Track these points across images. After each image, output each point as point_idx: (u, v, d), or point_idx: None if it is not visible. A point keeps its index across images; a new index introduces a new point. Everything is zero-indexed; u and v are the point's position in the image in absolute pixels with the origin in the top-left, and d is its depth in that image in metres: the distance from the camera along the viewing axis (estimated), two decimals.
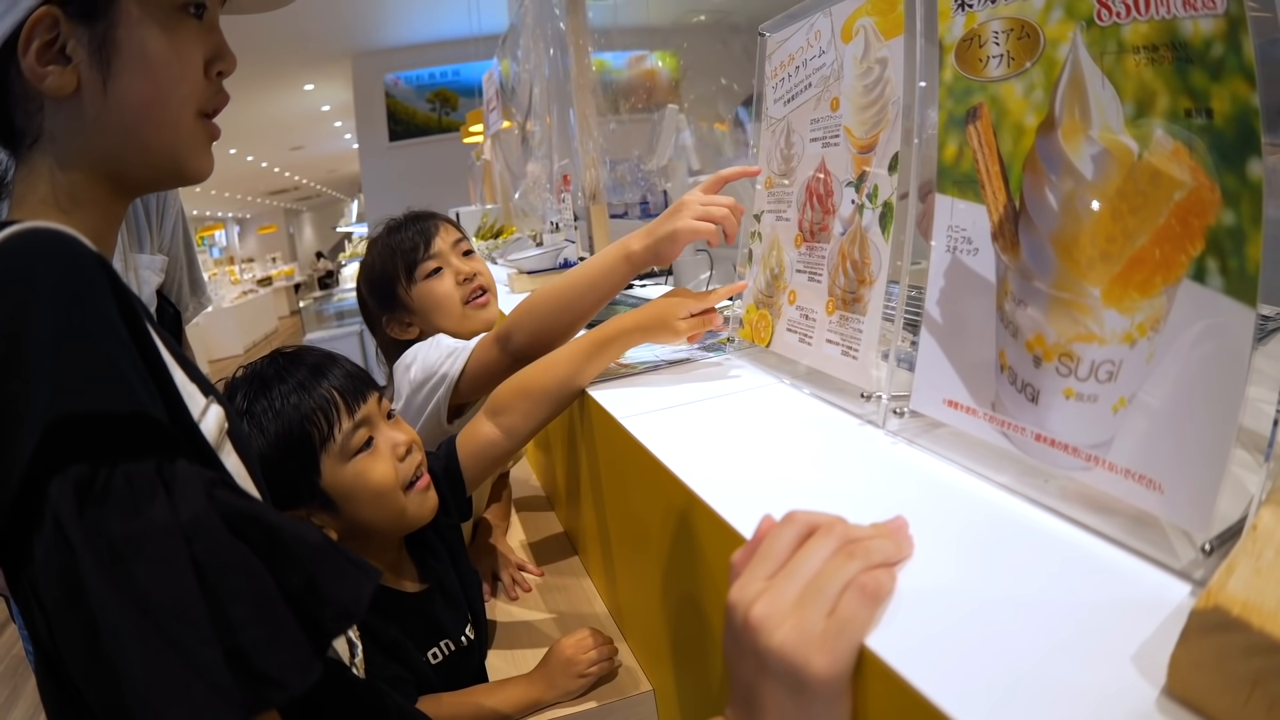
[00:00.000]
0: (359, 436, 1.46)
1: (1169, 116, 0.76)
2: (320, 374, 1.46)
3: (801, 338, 1.42)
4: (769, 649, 0.70)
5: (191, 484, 0.75)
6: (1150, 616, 0.68)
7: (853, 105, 1.30)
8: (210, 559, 0.73)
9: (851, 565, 0.73)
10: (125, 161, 0.92)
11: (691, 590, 1.20)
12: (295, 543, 0.81)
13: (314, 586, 0.80)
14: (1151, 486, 0.78)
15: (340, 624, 0.84)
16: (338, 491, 1.45)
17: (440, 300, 2.14)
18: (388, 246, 2.20)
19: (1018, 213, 0.93)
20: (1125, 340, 0.81)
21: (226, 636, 0.71)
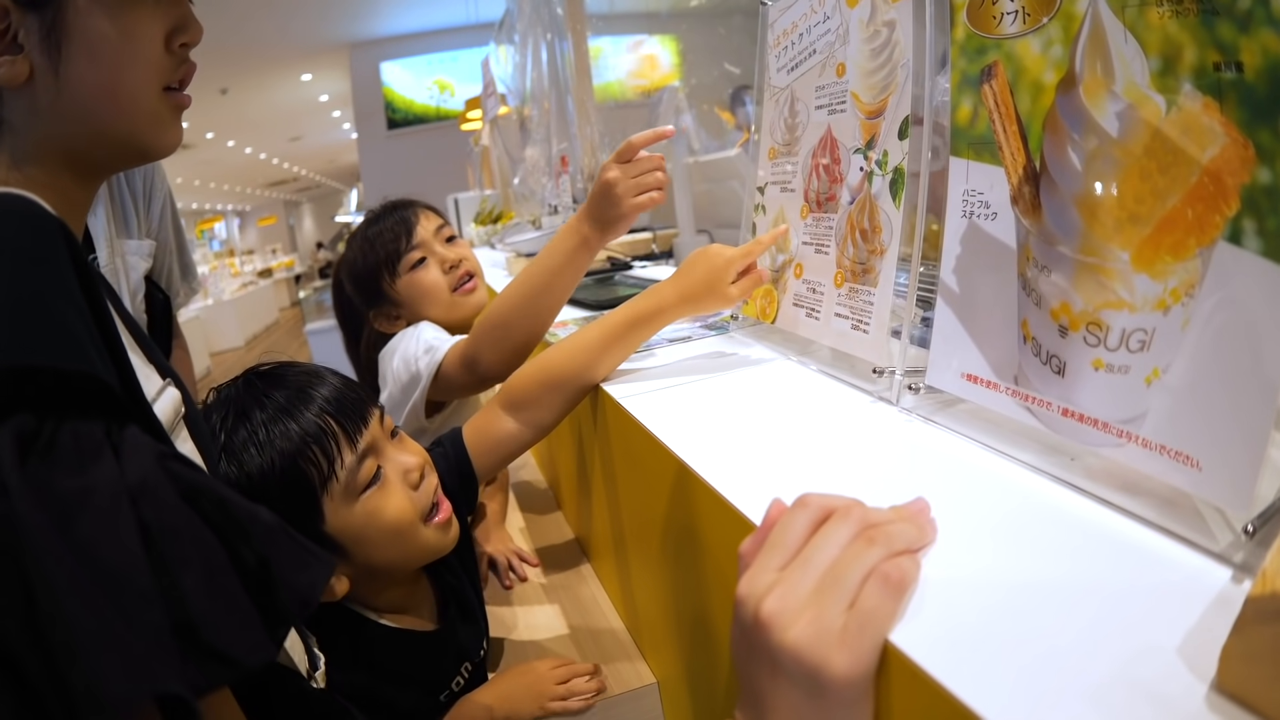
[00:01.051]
0: (366, 470, 1.26)
1: (1196, 71, 0.71)
2: (308, 397, 1.26)
3: (809, 312, 1.37)
4: (783, 647, 0.64)
5: (141, 449, 0.73)
6: (1192, 604, 0.63)
7: (859, 70, 1.25)
8: (158, 522, 0.70)
9: (872, 552, 0.67)
10: (84, 146, 0.90)
11: (696, 578, 1.15)
12: (249, 520, 0.78)
13: (268, 568, 0.77)
14: (1188, 463, 0.72)
15: (295, 611, 0.80)
16: (347, 535, 1.25)
17: (427, 290, 2.13)
18: (368, 240, 2.17)
19: (1038, 174, 0.88)
20: (1158, 307, 0.76)
21: (174, 605, 0.68)
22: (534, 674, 1.51)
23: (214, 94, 13.23)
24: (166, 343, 2.50)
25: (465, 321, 2.15)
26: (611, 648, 1.64)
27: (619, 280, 2.55)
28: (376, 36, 12.59)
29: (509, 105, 5.44)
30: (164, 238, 2.42)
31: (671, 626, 1.35)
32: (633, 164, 1.58)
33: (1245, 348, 0.68)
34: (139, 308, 2.34)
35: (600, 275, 2.73)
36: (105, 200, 2.23)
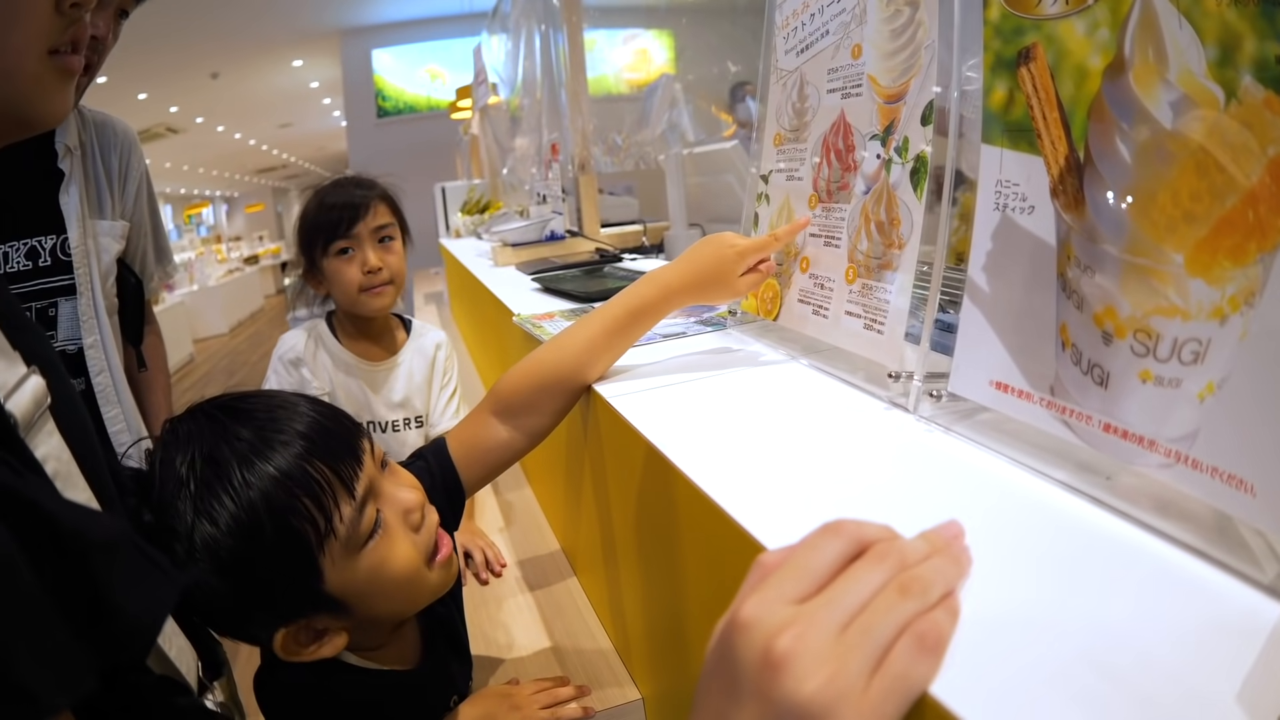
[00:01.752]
0: (367, 520, 1.10)
1: (1258, 63, 0.65)
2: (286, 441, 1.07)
3: (816, 309, 1.30)
4: (795, 700, 0.55)
5: None
6: (1245, 643, 0.57)
7: (878, 51, 1.18)
8: None
9: (907, 605, 0.59)
10: None
11: (688, 593, 1.09)
12: (75, 535, 0.69)
13: (96, 590, 0.70)
14: (1241, 488, 0.66)
15: (130, 639, 0.74)
16: (350, 592, 1.10)
17: (341, 280, 2.27)
18: (321, 207, 2.29)
19: (1081, 165, 0.81)
20: (1214, 315, 0.69)
21: None
22: (518, 695, 1.45)
23: (204, 78, 13.23)
24: (139, 328, 2.45)
25: (362, 321, 2.37)
26: (597, 664, 1.58)
27: (608, 272, 2.50)
28: (368, 23, 12.60)
29: (500, 95, 5.41)
30: (139, 219, 2.41)
31: (660, 643, 1.28)
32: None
33: None
34: (110, 291, 2.30)
35: (589, 266, 2.67)
36: (79, 179, 2.19)
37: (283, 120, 19.00)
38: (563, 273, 2.59)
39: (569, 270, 2.62)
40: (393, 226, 2.33)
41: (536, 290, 2.46)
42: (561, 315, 1.95)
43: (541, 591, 1.89)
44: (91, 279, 2.19)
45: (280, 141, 22.07)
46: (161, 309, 13.03)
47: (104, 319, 2.21)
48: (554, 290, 2.35)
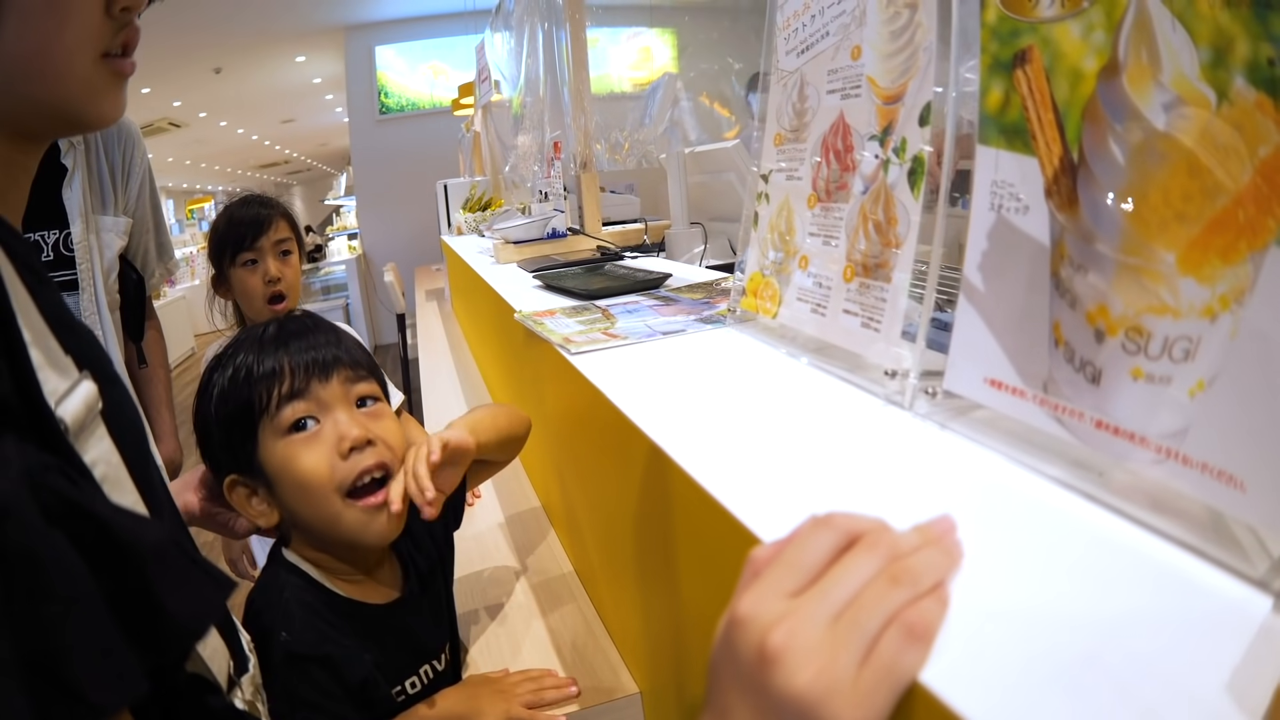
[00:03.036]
0: (290, 412, 1.33)
1: (1250, 65, 0.65)
2: (286, 342, 1.37)
3: (814, 308, 1.30)
4: (787, 693, 0.57)
5: (9, 463, 0.65)
6: (1234, 637, 0.57)
7: (877, 53, 1.18)
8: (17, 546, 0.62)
9: (896, 594, 0.61)
10: (17, 114, 0.85)
11: (685, 587, 1.09)
12: (130, 541, 0.71)
13: (148, 594, 0.70)
14: (1231, 484, 0.66)
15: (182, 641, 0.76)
16: (270, 469, 1.33)
17: (246, 290, 2.50)
18: (230, 219, 2.51)
19: (1076, 166, 0.82)
20: (1205, 314, 0.70)
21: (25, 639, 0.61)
22: (503, 683, 1.49)
23: (208, 73, 13.19)
24: (140, 323, 2.47)
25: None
26: (594, 658, 1.59)
27: (609, 270, 2.50)
28: (372, 20, 12.56)
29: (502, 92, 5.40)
30: (141, 215, 2.44)
31: (658, 638, 1.29)
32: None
33: None
34: (112, 287, 2.31)
35: (590, 264, 2.68)
36: (83, 175, 2.21)
37: (285, 116, 18.93)
38: (564, 270, 2.60)
39: (570, 268, 2.62)
40: (291, 241, 2.57)
41: (538, 287, 2.46)
42: (562, 312, 1.94)
43: (540, 585, 1.90)
44: (94, 274, 2.21)
45: (283, 137, 21.97)
46: (164, 303, 13.03)
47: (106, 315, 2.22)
48: (555, 287, 2.35)
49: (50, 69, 0.84)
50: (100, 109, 0.89)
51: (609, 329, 1.67)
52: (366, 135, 12.76)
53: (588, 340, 1.61)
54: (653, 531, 1.19)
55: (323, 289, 12.84)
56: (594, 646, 1.62)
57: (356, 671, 1.33)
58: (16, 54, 0.81)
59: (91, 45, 0.86)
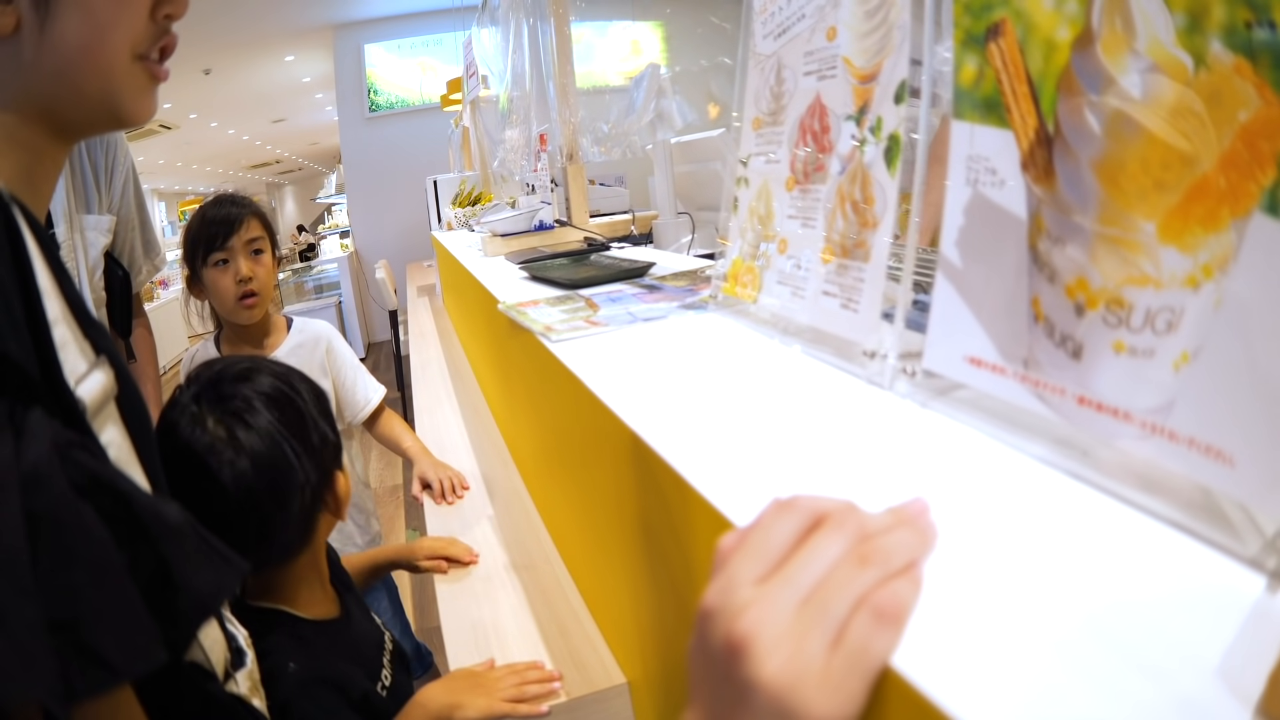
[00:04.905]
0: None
1: (1226, 29, 0.64)
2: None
3: (794, 291, 1.29)
4: (755, 682, 0.55)
5: (41, 434, 0.69)
6: (1225, 616, 0.55)
7: (852, 33, 1.17)
8: (47, 513, 0.66)
9: (865, 575, 0.59)
10: (60, 104, 0.89)
11: (671, 576, 1.08)
12: (150, 519, 0.75)
13: (167, 568, 0.74)
14: (1220, 459, 0.64)
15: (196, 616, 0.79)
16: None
17: (218, 290, 2.54)
18: (204, 219, 2.56)
19: (1051, 138, 0.81)
20: (1187, 283, 0.68)
21: (53, 603, 0.64)
22: (486, 677, 1.50)
23: (197, 74, 13.18)
24: (127, 320, 2.47)
25: (240, 327, 2.63)
26: (582, 648, 1.58)
27: (595, 260, 2.49)
28: (360, 18, 12.55)
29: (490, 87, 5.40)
30: (126, 213, 2.44)
31: (645, 626, 1.28)
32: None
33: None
34: (97, 284, 2.31)
35: (576, 255, 2.67)
36: (65, 175, 2.20)
37: (276, 115, 18.93)
38: (550, 261, 2.59)
39: (556, 259, 2.62)
40: (263, 240, 2.62)
41: (525, 279, 2.46)
42: (546, 302, 1.94)
43: (529, 577, 1.89)
44: (79, 273, 2.21)
45: (273, 137, 21.98)
46: (156, 305, 13.05)
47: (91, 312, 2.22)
48: (541, 278, 2.35)
49: (101, 62, 0.89)
50: (138, 106, 0.94)
51: (591, 317, 1.66)
52: (356, 133, 12.75)
53: (569, 328, 1.60)
54: (637, 520, 1.18)
55: (315, 287, 12.84)
56: (582, 637, 1.61)
57: (356, 686, 1.43)
58: (73, 44, 0.86)
59: (132, 45, 0.91)
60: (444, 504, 2.39)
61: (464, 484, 2.47)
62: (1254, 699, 0.47)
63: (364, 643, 1.61)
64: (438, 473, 2.48)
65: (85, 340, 0.82)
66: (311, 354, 2.71)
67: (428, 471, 2.50)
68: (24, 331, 0.72)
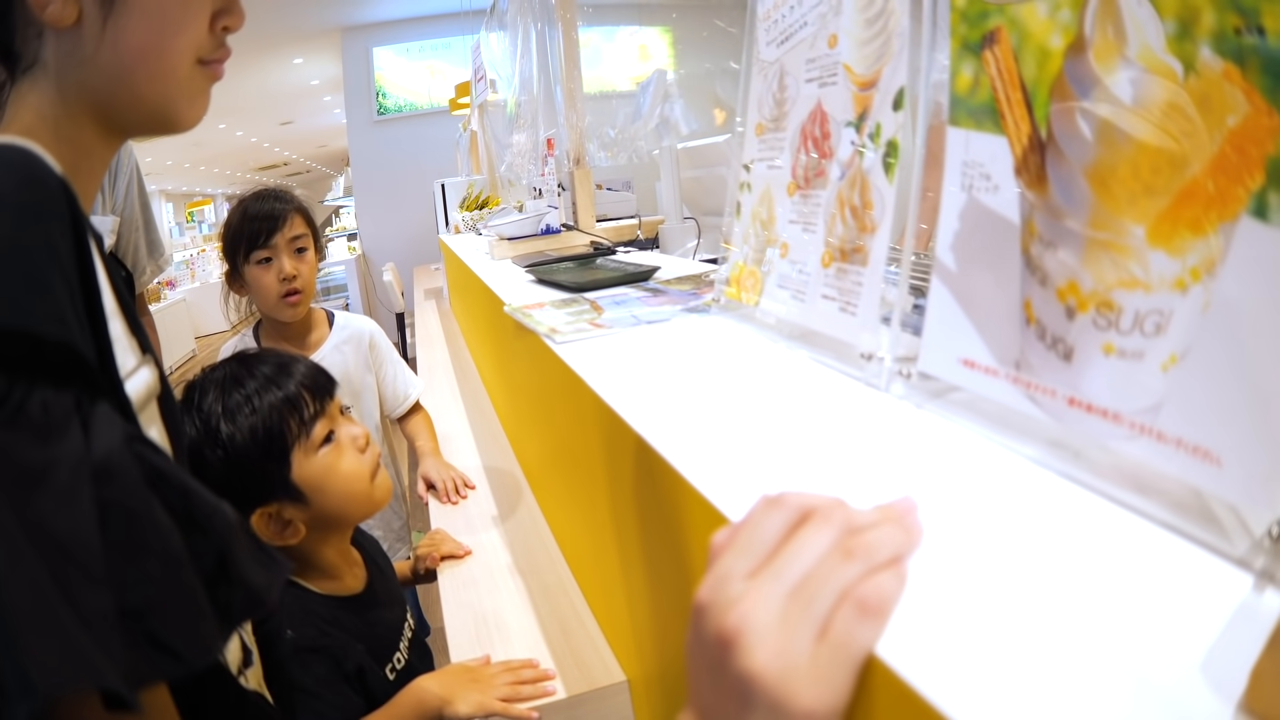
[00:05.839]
0: (320, 429, 1.59)
1: (1216, 35, 0.65)
2: (288, 372, 1.60)
3: (794, 294, 1.30)
4: (746, 674, 0.57)
5: (110, 427, 0.70)
6: (1211, 615, 0.56)
7: (853, 40, 1.18)
8: (119, 504, 0.67)
9: (849, 568, 0.60)
10: (115, 103, 0.90)
11: (671, 574, 1.09)
12: (210, 513, 0.76)
13: (224, 564, 0.75)
14: (1208, 459, 0.66)
15: (248, 611, 0.81)
16: (308, 484, 1.55)
17: (260, 288, 2.52)
18: (245, 214, 2.53)
19: (1044, 144, 0.82)
20: (1176, 286, 0.69)
21: (124, 591, 0.65)
22: (481, 672, 1.53)
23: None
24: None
25: (285, 323, 2.60)
26: (583, 647, 1.59)
27: (601, 264, 2.50)
28: (369, 21, 12.54)
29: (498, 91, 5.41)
30: (130, 214, 2.44)
31: (644, 624, 1.29)
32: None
33: (1271, 332, 0.62)
34: None
35: (582, 258, 2.68)
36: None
37: (284, 118, 18.91)
38: (556, 264, 2.60)
39: (562, 262, 2.63)
40: (306, 237, 2.59)
41: (531, 282, 2.47)
42: (552, 305, 1.95)
43: (531, 576, 1.90)
44: None
45: (281, 139, 21.95)
46: (163, 306, 13.03)
47: None
48: (547, 281, 2.35)
49: (160, 66, 0.89)
50: (192, 110, 0.96)
51: (596, 319, 1.67)
52: (364, 136, 12.74)
53: (574, 330, 1.62)
54: (637, 520, 1.19)
55: (323, 289, 12.85)
56: (583, 635, 1.62)
57: (352, 659, 1.48)
58: (136, 44, 0.87)
59: (194, 51, 0.92)
60: (448, 504, 2.40)
61: (468, 484, 2.48)
62: (1237, 696, 0.47)
63: (380, 624, 1.67)
64: (441, 473, 2.50)
65: (133, 337, 0.84)
66: (356, 350, 2.72)
67: (431, 471, 2.51)
68: (85, 324, 0.72)
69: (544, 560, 1.96)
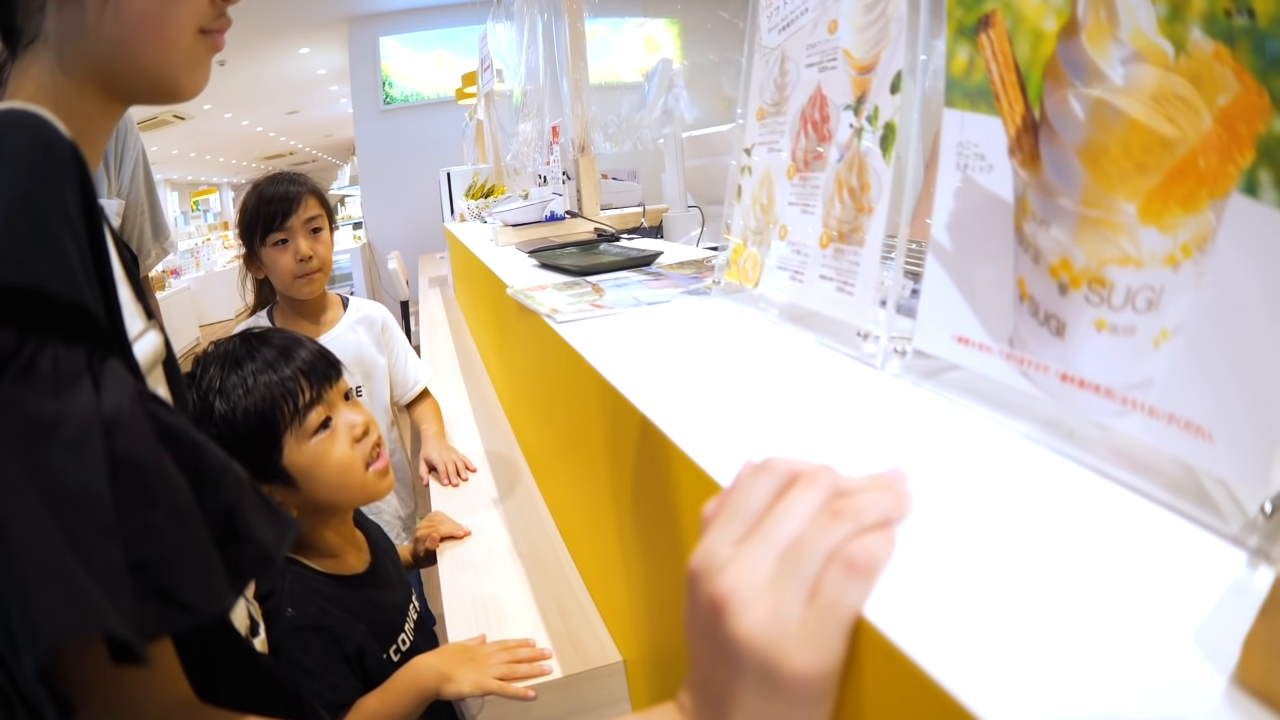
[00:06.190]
0: (315, 416, 1.59)
1: (1206, 17, 0.66)
2: (289, 357, 1.60)
3: (793, 275, 1.31)
4: (736, 637, 0.57)
5: (120, 382, 0.71)
6: (1206, 590, 0.56)
7: (852, 26, 1.19)
8: (129, 457, 0.68)
9: (837, 529, 0.60)
10: (117, 73, 0.90)
11: (667, 552, 1.09)
12: (220, 469, 0.77)
13: (233, 518, 0.76)
14: (1199, 435, 0.66)
15: (258, 566, 0.79)
16: (299, 470, 1.57)
17: (277, 269, 2.58)
18: (259, 201, 2.58)
19: (1037, 124, 0.83)
20: (1167, 262, 0.70)
21: (133, 543, 0.66)
22: (477, 652, 1.53)
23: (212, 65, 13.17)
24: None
25: (300, 300, 2.65)
26: (580, 628, 1.60)
27: (604, 249, 2.50)
28: (376, 10, 12.52)
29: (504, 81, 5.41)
30: (135, 198, 2.45)
31: (641, 606, 1.29)
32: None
33: (1263, 308, 0.62)
34: None
35: (585, 244, 2.68)
36: None
37: (290, 107, 18.88)
38: (559, 249, 2.61)
39: (566, 248, 2.64)
40: (321, 218, 2.64)
41: (535, 267, 2.47)
42: (554, 287, 1.96)
43: (530, 558, 1.91)
44: None
45: (287, 129, 21.92)
46: (168, 294, 13.03)
47: None
48: (550, 266, 2.36)
49: (163, 34, 0.89)
50: (194, 79, 0.96)
51: (597, 301, 1.68)
52: (371, 126, 12.73)
53: (575, 311, 1.62)
54: (635, 501, 1.19)
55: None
56: (580, 617, 1.63)
57: (352, 639, 1.48)
58: (137, 17, 0.87)
59: (195, 21, 0.92)
60: (449, 486, 2.42)
61: (470, 466, 2.50)
62: (1229, 666, 0.48)
63: (383, 605, 1.67)
64: (443, 455, 2.52)
65: (138, 303, 0.84)
66: (369, 331, 2.77)
67: (433, 454, 2.53)
68: (95, 284, 0.73)
69: (543, 542, 1.97)
